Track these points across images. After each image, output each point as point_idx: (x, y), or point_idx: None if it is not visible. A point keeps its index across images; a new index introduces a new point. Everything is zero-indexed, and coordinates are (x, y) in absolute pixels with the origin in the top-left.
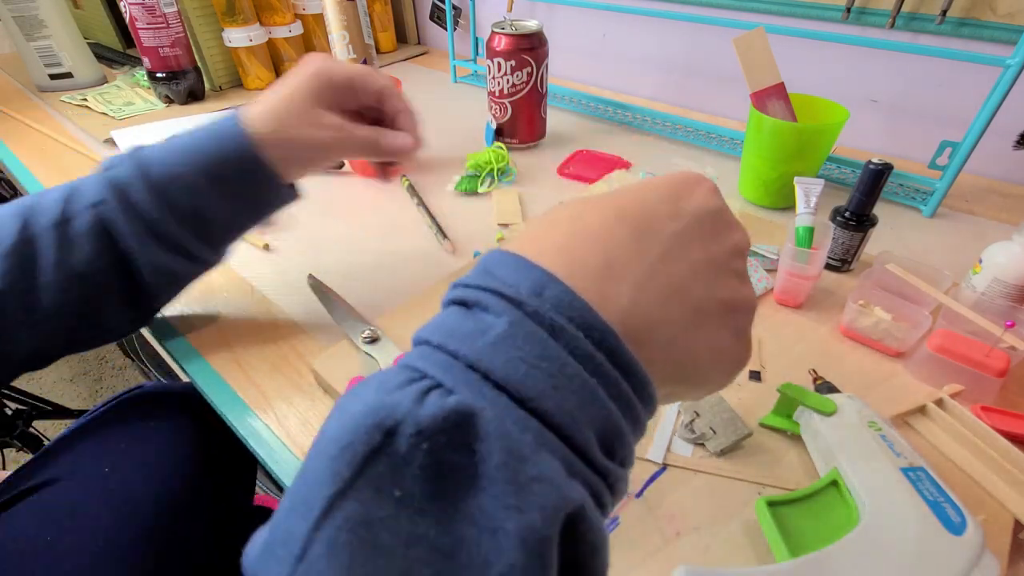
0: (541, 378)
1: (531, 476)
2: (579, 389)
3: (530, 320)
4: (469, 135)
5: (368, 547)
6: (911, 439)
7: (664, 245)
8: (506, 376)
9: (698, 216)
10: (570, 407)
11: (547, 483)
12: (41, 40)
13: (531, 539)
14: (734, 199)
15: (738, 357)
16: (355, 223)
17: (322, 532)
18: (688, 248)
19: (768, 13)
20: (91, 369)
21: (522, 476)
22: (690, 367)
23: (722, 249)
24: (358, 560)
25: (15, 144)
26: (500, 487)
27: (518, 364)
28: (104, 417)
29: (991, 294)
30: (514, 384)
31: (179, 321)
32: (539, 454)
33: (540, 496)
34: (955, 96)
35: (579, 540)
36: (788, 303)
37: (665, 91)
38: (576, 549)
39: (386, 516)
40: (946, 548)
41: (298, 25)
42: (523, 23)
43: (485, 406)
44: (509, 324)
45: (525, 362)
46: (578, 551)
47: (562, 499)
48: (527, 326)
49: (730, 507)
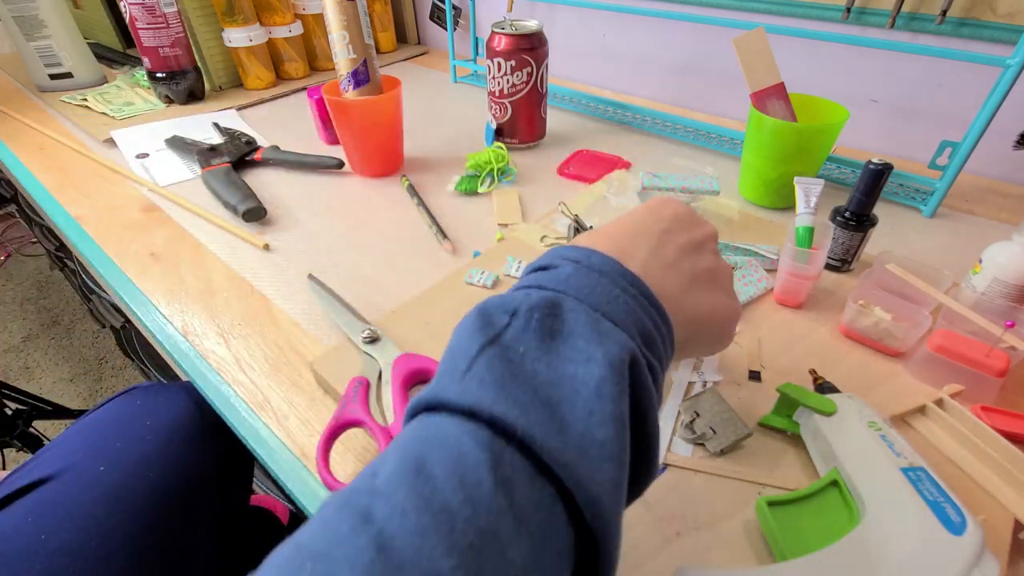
0: (598, 295)
1: (605, 330)
2: (622, 304)
3: (585, 268)
4: (469, 135)
5: (510, 369)
6: (911, 439)
7: (656, 239)
8: (577, 293)
9: (676, 217)
10: (618, 312)
11: (616, 334)
12: (41, 40)
13: (614, 360)
14: (734, 199)
15: (733, 309)
16: (355, 223)
17: (480, 358)
18: (673, 238)
19: (768, 13)
20: (91, 369)
21: (600, 329)
22: (699, 319)
23: (698, 236)
24: (506, 375)
25: (15, 144)
26: (587, 335)
27: (581, 288)
28: (101, 415)
29: (991, 294)
30: (583, 297)
31: (179, 321)
32: (605, 323)
33: (613, 338)
34: (955, 96)
35: (638, 385)
36: (788, 303)
37: (665, 91)
38: (636, 394)
39: (517, 360)
40: (946, 548)
41: (298, 25)
42: (523, 23)
43: (568, 298)
44: (574, 270)
45: (586, 287)
46: (637, 396)
47: (627, 343)
48: (584, 271)
49: (730, 507)
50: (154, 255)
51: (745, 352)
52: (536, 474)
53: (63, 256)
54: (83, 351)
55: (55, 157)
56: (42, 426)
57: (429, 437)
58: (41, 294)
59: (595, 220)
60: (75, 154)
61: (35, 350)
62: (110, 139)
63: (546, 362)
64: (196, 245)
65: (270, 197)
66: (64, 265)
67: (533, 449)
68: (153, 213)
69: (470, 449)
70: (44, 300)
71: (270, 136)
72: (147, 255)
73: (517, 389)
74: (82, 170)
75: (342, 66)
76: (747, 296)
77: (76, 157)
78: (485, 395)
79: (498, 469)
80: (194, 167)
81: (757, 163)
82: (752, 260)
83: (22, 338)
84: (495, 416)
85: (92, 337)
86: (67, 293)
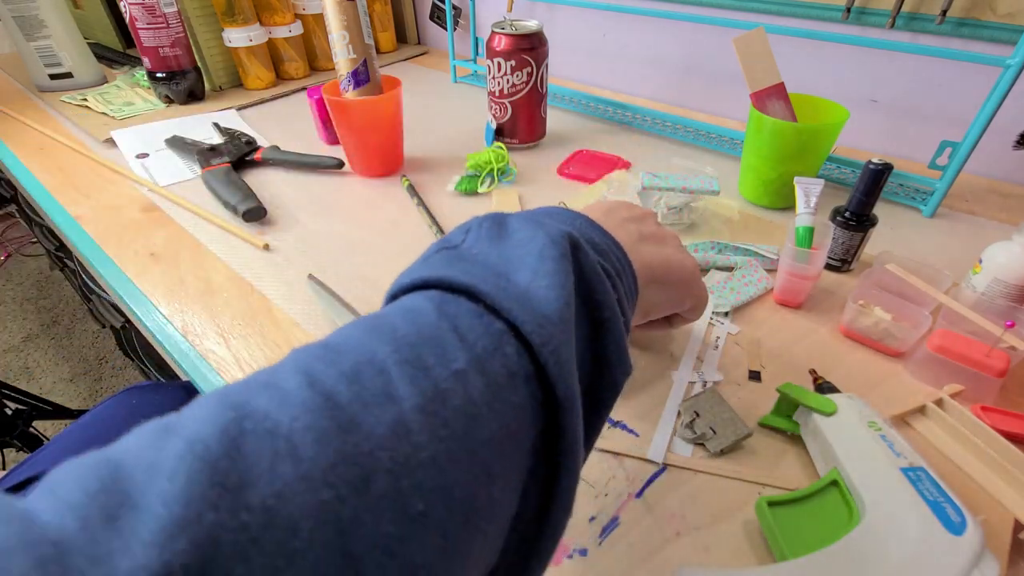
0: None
1: (543, 222)
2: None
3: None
4: (469, 135)
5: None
6: (911, 439)
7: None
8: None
9: (614, 203)
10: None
11: (553, 223)
12: (41, 40)
13: (553, 234)
14: (734, 199)
15: (688, 260)
16: (355, 223)
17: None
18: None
19: (768, 13)
20: (91, 369)
21: (540, 221)
22: (654, 264)
23: (638, 212)
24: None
25: (15, 144)
26: (530, 228)
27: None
28: (99, 414)
29: (991, 294)
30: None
31: (178, 321)
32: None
33: (551, 225)
34: (955, 96)
35: (584, 266)
36: (788, 303)
37: (665, 91)
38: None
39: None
40: (946, 548)
41: (298, 25)
42: (523, 23)
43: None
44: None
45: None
46: (586, 277)
47: (564, 230)
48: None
49: (730, 507)
50: (154, 255)
51: (745, 352)
52: (482, 312)
53: (63, 256)
54: (83, 351)
55: (55, 157)
56: (42, 426)
57: (383, 313)
58: (41, 294)
59: None
60: (75, 154)
61: (35, 350)
62: (110, 139)
63: (496, 252)
64: (196, 245)
65: (270, 197)
66: (64, 265)
67: (480, 297)
68: (153, 213)
69: (420, 302)
70: (44, 300)
71: (270, 136)
72: (147, 255)
73: (469, 265)
74: (82, 170)
75: (342, 66)
76: (747, 296)
77: (76, 157)
78: (438, 271)
79: (442, 307)
80: (194, 167)
81: (757, 163)
82: (752, 260)
83: (22, 338)
84: (443, 279)
85: (92, 337)
86: (67, 293)
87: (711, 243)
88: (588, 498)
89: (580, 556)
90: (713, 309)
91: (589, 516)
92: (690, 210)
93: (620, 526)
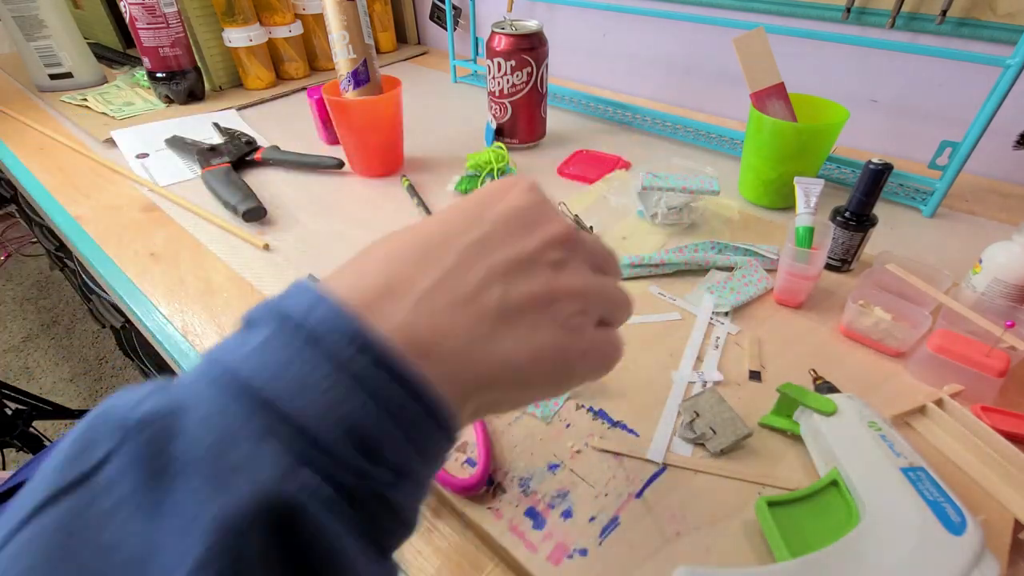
0: (288, 379)
1: (240, 460)
2: (328, 388)
3: (291, 332)
4: (469, 135)
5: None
6: (911, 439)
7: (457, 257)
8: (253, 377)
9: (504, 218)
10: (315, 403)
11: (264, 462)
12: (41, 40)
13: (233, 522)
14: (734, 199)
15: (571, 348)
16: (355, 223)
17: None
18: (488, 252)
19: (768, 13)
20: (91, 369)
21: (232, 459)
22: (509, 370)
23: (532, 243)
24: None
25: (15, 144)
26: (206, 473)
27: (264, 368)
28: None
29: (991, 294)
30: (263, 383)
31: (178, 321)
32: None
33: (252, 475)
34: (955, 96)
35: (311, 543)
36: (788, 303)
37: (665, 91)
38: (304, 553)
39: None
40: (946, 548)
41: (298, 25)
42: (523, 23)
43: (199, 405)
44: (272, 334)
45: (271, 367)
46: (308, 556)
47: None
48: (286, 337)
49: (730, 507)
50: (154, 255)
51: (745, 352)
52: None
53: (63, 256)
54: (83, 351)
55: (55, 157)
56: (42, 426)
57: None
58: (41, 294)
59: (595, 220)
60: (75, 154)
61: (35, 350)
62: (110, 139)
63: (141, 524)
64: (196, 245)
65: (270, 197)
66: (64, 265)
67: None
68: (153, 213)
69: None
70: (44, 300)
71: (270, 136)
72: (147, 255)
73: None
74: (82, 170)
75: (342, 66)
76: (747, 296)
77: (76, 157)
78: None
79: None
80: (194, 167)
81: (757, 163)
82: (752, 260)
83: (22, 338)
84: None
85: (92, 337)
86: (67, 293)
87: (711, 243)
88: (588, 498)
89: (580, 556)
90: (713, 309)
91: (589, 516)
92: (690, 210)
93: (620, 526)
